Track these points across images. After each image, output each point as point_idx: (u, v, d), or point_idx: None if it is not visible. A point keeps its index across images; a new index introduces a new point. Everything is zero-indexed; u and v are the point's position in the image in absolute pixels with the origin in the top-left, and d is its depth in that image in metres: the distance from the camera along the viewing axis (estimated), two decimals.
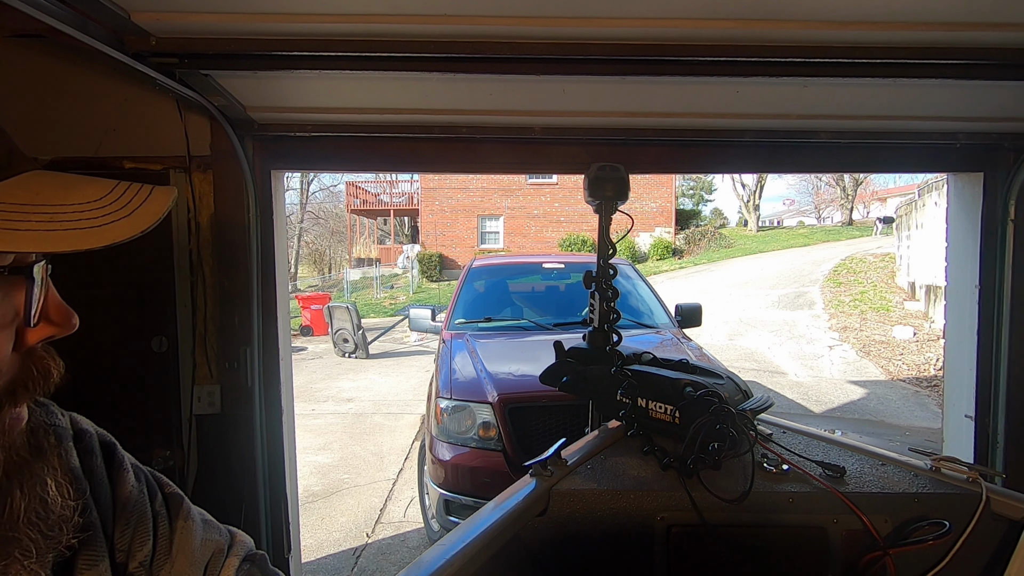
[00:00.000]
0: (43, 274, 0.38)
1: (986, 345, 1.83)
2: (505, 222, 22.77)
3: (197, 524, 0.57)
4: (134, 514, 0.52)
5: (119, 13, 1.08)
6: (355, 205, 27.56)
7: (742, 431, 0.97)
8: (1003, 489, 0.97)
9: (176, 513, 0.56)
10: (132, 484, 0.53)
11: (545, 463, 1.00)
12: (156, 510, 0.55)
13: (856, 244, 19.66)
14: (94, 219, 0.34)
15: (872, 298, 12.54)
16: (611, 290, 1.22)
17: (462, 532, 0.91)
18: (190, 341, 1.90)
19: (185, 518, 0.57)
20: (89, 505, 0.48)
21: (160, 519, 0.55)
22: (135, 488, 0.53)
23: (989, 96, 1.50)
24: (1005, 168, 1.79)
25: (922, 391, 7.27)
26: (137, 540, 0.52)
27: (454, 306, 4.51)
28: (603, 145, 1.81)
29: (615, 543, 0.94)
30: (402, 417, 6.26)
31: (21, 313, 0.37)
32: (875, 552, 0.91)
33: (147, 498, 0.54)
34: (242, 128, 1.68)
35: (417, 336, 11.22)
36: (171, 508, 0.57)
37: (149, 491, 0.55)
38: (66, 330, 0.40)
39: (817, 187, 33.70)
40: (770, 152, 1.85)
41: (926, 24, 1.16)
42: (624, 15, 1.14)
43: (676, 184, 24.66)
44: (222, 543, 0.59)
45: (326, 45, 1.22)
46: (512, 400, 2.97)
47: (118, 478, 0.52)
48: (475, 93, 1.54)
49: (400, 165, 1.87)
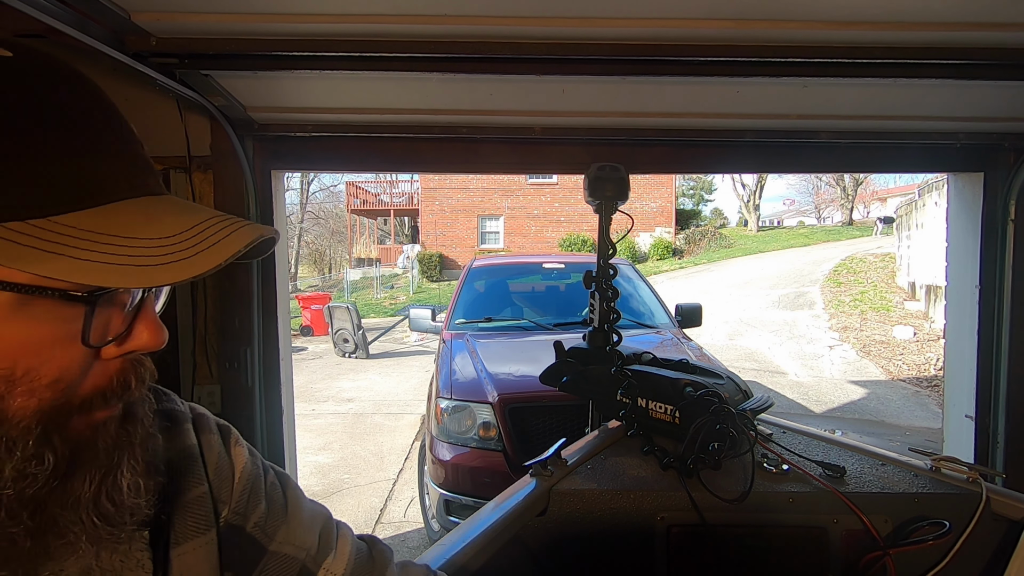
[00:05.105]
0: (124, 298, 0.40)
1: (986, 345, 1.82)
2: (505, 222, 22.76)
3: (305, 497, 0.65)
4: (249, 481, 0.58)
5: (119, 13, 1.08)
6: (355, 205, 27.56)
7: (742, 431, 0.97)
8: (1003, 489, 0.97)
9: (286, 485, 0.63)
10: (247, 458, 0.60)
11: (545, 463, 1.00)
12: (269, 480, 0.61)
13: (856, 244, 19.66)
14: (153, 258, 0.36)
15: (872, 298, 12.54)
16: (611, 290, 1.22)
17: (462, 532, 0.91)
18: (190, 341, 1.90)
19: (295, 489, 0.63)
20: (201, 478, 0.54)
21: (273, 488, 0.61)
22: (249, 461, 0.60)
23: (989, 96, 1.50)
24: (1005, 168, 1.79)
25: (922, 391, 7.27)
26: (251, 503, 0.58)
27: (454, 306, 4.51)
28: (603, 145, 1.81)
29: (615, 543, 0.94)
30: (402, 417, 6.26)
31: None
32: (875, 552, 0.91)
33: (261, 470, 0.61)
34: (242, 128, 1.68)
35: (417, 336, 11.22)
36: (281, 479, 0.63)
37: (263, 466, 0.62)
38: (150, 348, 0.42)
39: (817, 187, 33.71)
40: (770, 152, 1.85)
41: (926, 24, 1.16)
42: (624, 15, 1.14)
43: (676, 184, 24.66)
44: (327, 513, 0.65)
45: (326, 45, 1.22)
46: (512, 400, 2.97)
47: (234, 452, 0.59)
48: (475, 93, 1.54)
49: (400, 165, 1.87)
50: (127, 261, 0.35)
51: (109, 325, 0.40)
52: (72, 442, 0.39)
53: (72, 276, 0.34)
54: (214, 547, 0.53)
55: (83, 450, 0.39)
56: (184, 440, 0.55)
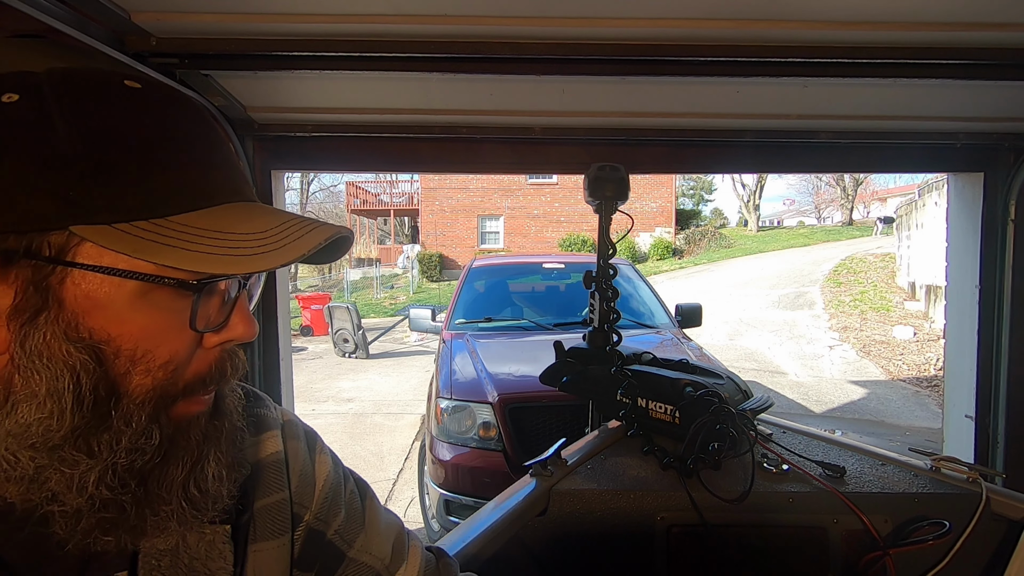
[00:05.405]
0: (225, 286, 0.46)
1: (986, 345, 1.82)
2: (505, 222, 22.76)
3: (381, 506, 0.69)
4: (331, 490, 0.63)
5: (119, 13, 1.08)
6: (355, 205, 27.55)
7: (742, 431, 0.97)
8: (1003, 489, 0.97)
9: (365, 494, 0.67)
10: (330, 466, 0.64)
11: (545, 463, 1.00)
12: (349, 488, 0.66)
13: (856, 244, 19.65)
14: (250, 249, 0.42)
15: (872, 298, 12.54)
16: (611, 290, 1.22)
17: (462, 532, 0.91)
18: None
19: (372, 499, 0.68)
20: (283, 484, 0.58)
21: (352, 497, 0.65)
22: (332, 469, 0.64)
23: (989, 96, 1.50)
24: (1005, 168, 1.79)
25: (922, 391, 7.27)
26: (332, 511, 0.62)
27: (454, 306, 4.51)
28: (603, 145, 1.81)
29: (615, 543, 0.94)
30: (402, 417, 6.26)
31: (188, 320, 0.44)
32: (875, 552, 0.91)
33: (342, 479, 0.65)
34: (242, 128, 1.68)
35: (417, 336, 11.22)
36: (360, 489, 0.67)
37: (344, 474, 0.66)
38: (245, 339, 0.48)
39: (817, 187, 33.71)
40: (770, 152, 1.85)
41: (926, 24, 1.16)
42: (624, 15, 1.14)
43: (676, 184, 24.66)
44: (400, 524, 0.70)
45: (326, 45, 1.21)
46: (512, 400, 2.97)
47: (318, 460, 0.63)
48: (475, 93, 1.54)
49: (400, 165, 1.87)
50: (229, 252, 0.41)
51: (211, 315, 0.46)
52: (173, 425, 0.45)
53: (186, 264, 0.40)
54: (287, 550, 0.58)
55: (180, 437, 0.45)
56: (271, 446, 0.59)
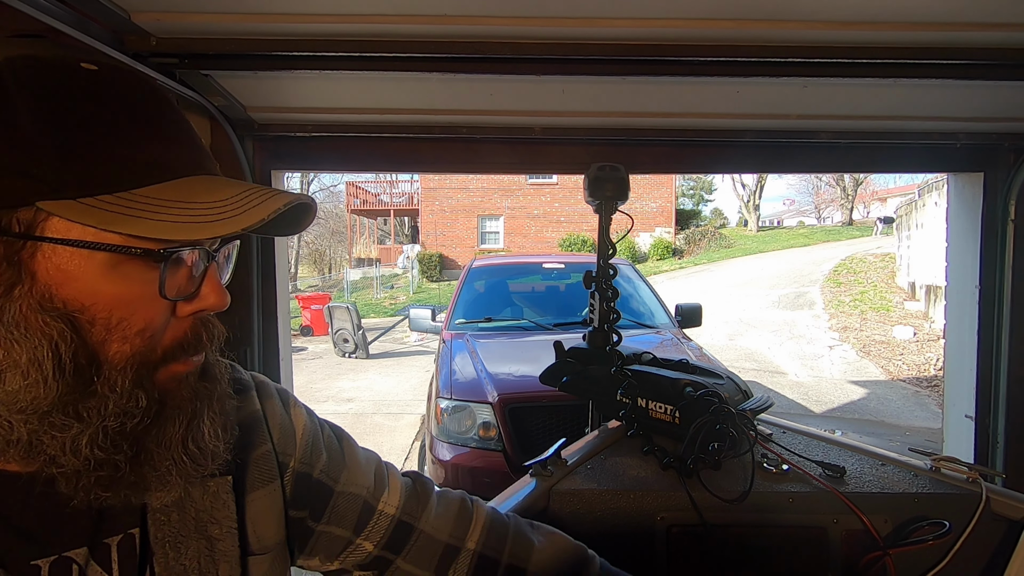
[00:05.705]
0: (192, 258, 0.49)
1: (986, 345, 1.82)
2: (505, 222, 22.76)
3: (358, 445, 0.75)
4: (310, 436, 0.69)
5: (119, 13, 1.08)
6: (355, 205, 27.55)
7: (742, 431, 0.97)
8: (1003, 489, 0.97)
9: (341, 437, 0.73)
10: (305, 416, 0.70)
11: (545, 463, 1.00)
12: (326, 434, 0.72)
13: (856, 244, 19.66)
14: (211, 216, 0.45)
15: (872, 298, 12.54)
16: (611, 290, 1.22)
17: None
18: None
19: (348, 439, 0.74)
20: (265, 438, 0.64)
21: (331, 440, 0.72)
22: (307, 419, 0.70)
23: (989, 96, 1.50)
24: (1005, 168, 1.78)
25: (922, 391, 7.27)
26: (314, 455, 0.68)
27: (454, 306, 4.51)
28: (603, 145, 1.81)
29: (615, 543, 0.94)
30: (402, 417, 6.26)
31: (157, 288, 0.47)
32: (875, 552, 0.91)
33: (318, 427, 0.72)
34: (242, 128, 1.67)
35: (417, 336, 11.22)
36: (337, 433, 0.74)
37: (319, 422, 0.73)
38: (216, 308, 0.51)
39: (817, 187, 33.71)
40: (770, 152, 1.85)
41: (926, 24, 1.16)
42: (624, 15, 1.13)
43: (676, 184, 24.66)
44: (378, 457, 0.76)
45: (326, 45, 1.21)
46: (512, 400, 2.97)
47: (293, 412, 0.69)
48: (475, 93, 1.54)
49: (400, 165, 1.87)
50: (191, 220, 0.44)
51: (180, 284, 0.49)
52: (160, 390, 0.48)
53: (150, 232, 0.42)
54: (279, 494, 0.64)
55: (170, 398, 0.49)
56: (250, 406, 0.65)
